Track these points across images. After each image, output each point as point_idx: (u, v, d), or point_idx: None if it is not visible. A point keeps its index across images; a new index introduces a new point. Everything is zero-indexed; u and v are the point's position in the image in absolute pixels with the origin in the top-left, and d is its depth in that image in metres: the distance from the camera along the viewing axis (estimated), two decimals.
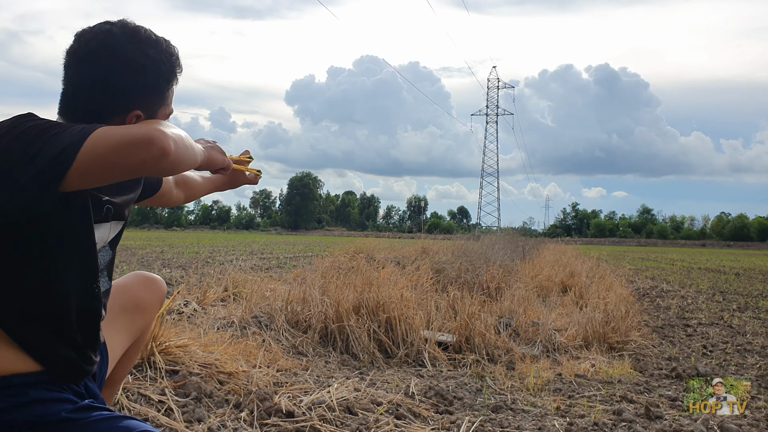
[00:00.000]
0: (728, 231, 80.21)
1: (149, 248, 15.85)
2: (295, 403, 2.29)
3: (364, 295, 3.58)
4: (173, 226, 78.96)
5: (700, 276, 12.36)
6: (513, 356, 3.52)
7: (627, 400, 2.85)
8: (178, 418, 2.14)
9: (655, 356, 3.88)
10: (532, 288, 5.77)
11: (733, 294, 8.54)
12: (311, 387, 2.60)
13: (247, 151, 1.60)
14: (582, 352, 3.79)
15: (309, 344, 3.39)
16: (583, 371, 3.35)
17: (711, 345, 4.39)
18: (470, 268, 6.50)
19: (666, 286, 9.50)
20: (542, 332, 3.88)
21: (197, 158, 1.14)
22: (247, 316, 3.51)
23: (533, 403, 2.79)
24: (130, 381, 2.31)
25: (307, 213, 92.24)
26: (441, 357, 3.45)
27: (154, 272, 6.94)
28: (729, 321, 5.67)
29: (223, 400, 2.34)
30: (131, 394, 2.22)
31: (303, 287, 3.77)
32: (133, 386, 2.28)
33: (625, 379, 3.26)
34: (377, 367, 3.29)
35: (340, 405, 2.33)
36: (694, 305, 6.93)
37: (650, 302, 7.17)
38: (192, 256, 12.52)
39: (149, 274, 1.61)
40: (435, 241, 10.84)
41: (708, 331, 5.01)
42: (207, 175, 1.64)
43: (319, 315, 3.53)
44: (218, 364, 2.57)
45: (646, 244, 68.81)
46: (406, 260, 7.53)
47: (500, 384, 3.06)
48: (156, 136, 0.96)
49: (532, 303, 4.89)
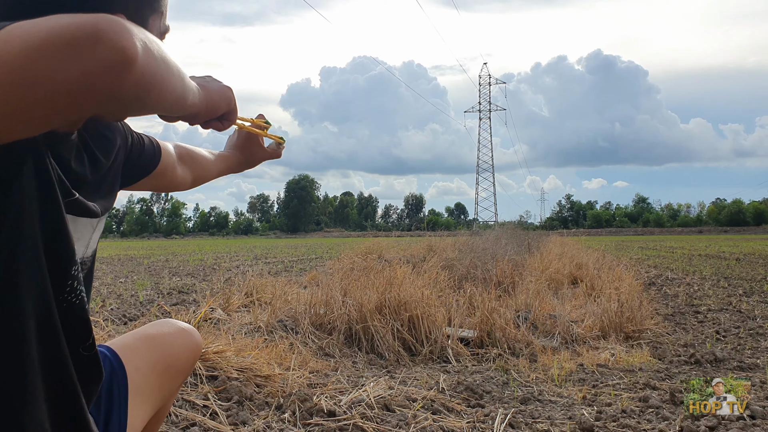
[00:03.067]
0: (724, 217, 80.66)
1: (153, 257, 15.89)
2: (335, 402, 2.37)
3: (386, 295, 3.66)
4: (172, 234, 78.95)
5: (702, 263, 12.47)
6: (534, 349, 3.60)
7: (651, 387, 2.93)
8: (223, 421, 2.21)
9: (671, 343, 3.96)
10: (543, 281, 5.86)
11: (737, 279, 8.64)
12: (346, 387, 2.68)
13: (261, 115, 1.19)
14: (600, 343, 3.87)
15: (335, 345, 3.46)
16: (603, 361, 3.43)
17: (724, 330, 4.48)
18: (479, 264, 6.58)
19: (670, 274, 9.59)
20: (560, 324, 3.96)
21: (186, 90, 0.67)
22: (272, 320, 3.59)
23: (559, 394, 2.86)
24: None
25: (306, 215, 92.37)
26: (464, 352, 3.52)
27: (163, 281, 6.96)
28: (737, 306, 5.76)
29: (264, 403, 2.41)
30: (176, 400, 2.29)
31: (325, 290, 3.85)
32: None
33: (645, 366, 3.34)
34: (403, 365, 3.37)
35: (378, 403, 2.40)
36: (701, 292, 7.02)
37: (657, 291, 7.26)
38: (197, 264, 12.58)
39: (185, 325, 1.20)
40: (439, 239, 10.93)
41: (719, 317, 5.10)
42: (216, 152, 1.27)
43: (343, 316, 3.60)
44: (254, 368, 2.64)
45: (643, 233, 69.17)
46: (415, 259, 7.61)
47: (525, 376, 3.14)
48: (109, 28, 0.53)
49: (545, 296, 4.97)
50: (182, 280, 8.35)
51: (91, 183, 0.85)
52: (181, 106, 0.67)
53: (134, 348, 1.06)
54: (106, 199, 0.90)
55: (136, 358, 1.04)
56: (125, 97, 0.55)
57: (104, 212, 0.88)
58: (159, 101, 0.60)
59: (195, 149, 1.23)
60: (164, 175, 1.11)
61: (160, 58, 0.59)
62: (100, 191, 0.88)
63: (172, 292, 6.65)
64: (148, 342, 1.09)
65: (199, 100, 0.73)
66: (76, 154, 0.81)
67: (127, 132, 1.00)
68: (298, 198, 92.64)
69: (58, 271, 0.72)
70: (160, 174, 1.09)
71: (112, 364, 1.01)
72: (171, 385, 1.13)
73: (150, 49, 0.57)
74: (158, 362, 1.08)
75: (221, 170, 1.26)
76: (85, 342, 0.78)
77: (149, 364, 1.06)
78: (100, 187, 0.88)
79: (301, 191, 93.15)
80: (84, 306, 0.77)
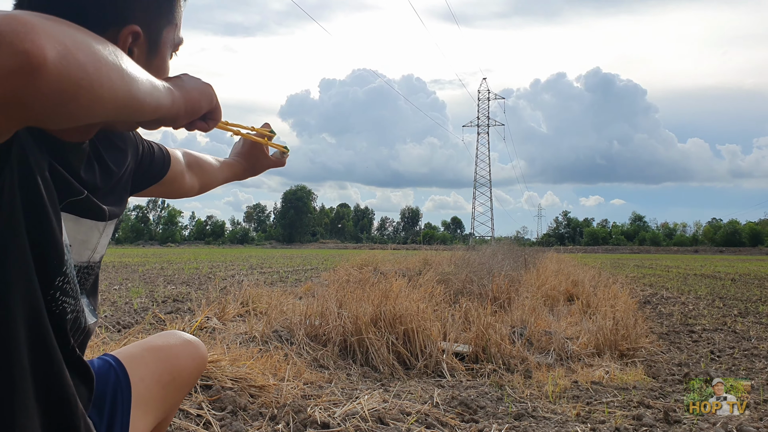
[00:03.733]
0: (720, 237, 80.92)
1: (148, 265, 15.83)
2: (329, 414, 2.36)
3: (381, 308, 3.66)
4: (168, 242, 78.68)
5: (697, 282, 12.50)
6: (529, 365, 3.60)
7: (644, 406, 2.93)
8: (217, 431, 2.20)
9: (665, 362, 3.97)
10: (539, 297, 5.86)
11: (732, 299, 8.67)
12: (340, 399, 2.67)
13: (267, 124, 1.23)
14: (595, 360, 3.87)
15: (329, 357, 3.45)
16: (598, 378, 3.43)
17: (718, 350, 4.49)
18: (475, 278, 6.58)
19: (665, 293, 9.61)
20: (555, 341, 3.96)
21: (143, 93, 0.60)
22: (268, 330, 3.58)
23: (553, 411, 2.86)
24: None
25: (302, 226, 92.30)
26: (459, 367, 3.52)
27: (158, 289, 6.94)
28: (732, 326, 5.77)
29: (258, 413, 2.40)
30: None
31: (320, 301, 3.84)
32: None
33: (639, 385, 3.34)
34: (398, 378, 3.36)
35: (372, 416, 2.39)
36: (696, 311, 7.03)
37: (652, 309, 7.27)
38: (193, 272, 12.53)
39: (191, 338, 1.18)
40: (435, 253, 10.93)
41: (713, 337, 5.11)
42: (222, 159, 1.28)
43: (338, 328, 3.60)
44: (248, 377, 2.64)
45: (639, 251, 69.27)
46: (410, 272, 7.61)
47: (519, 392, 3.13)
48: (10, 30, 0.48)
49: (540, 312, 4.97)
50: (177, 288, 8.32)
51: (102, 191, 0.84)
52: (138, 110, 0.60)
53: (140, 358, 1.06)
54: (115, 205, 0.90)
55: (141, 368, 1.03)
56: (42, 106, 0.50)
57: (112, 217, 0.88)
58: (95, 108, 0.54)
59: (202, 156, 1.24)
60: (173, 182, 1.12)
61: (93, 60, 0.53)
62: (109, 198, 0.87)
63: (167, 300, 6.62)
64: (154, 353, 1.08)
65: (173, 101, 0.68)
66: (86, 163, 0.82)
67: (138, 141, 1.02)
68: (294, 208, 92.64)
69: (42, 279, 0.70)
70: (169, 181, 1.11)
71: (117, 374, 1.00)
72: (175, 397, 1.12)
73: (74, 50, 0.51)
74: (163, 374, 1.07)
75: (227, 177, 1.28)
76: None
77: (154, 376, 1.05)
78: (109, 195, 0.88)
79: (297, 202, 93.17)
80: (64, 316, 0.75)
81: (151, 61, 0.82)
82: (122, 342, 3.14)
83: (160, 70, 0.84)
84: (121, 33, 0.77)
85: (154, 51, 0.83)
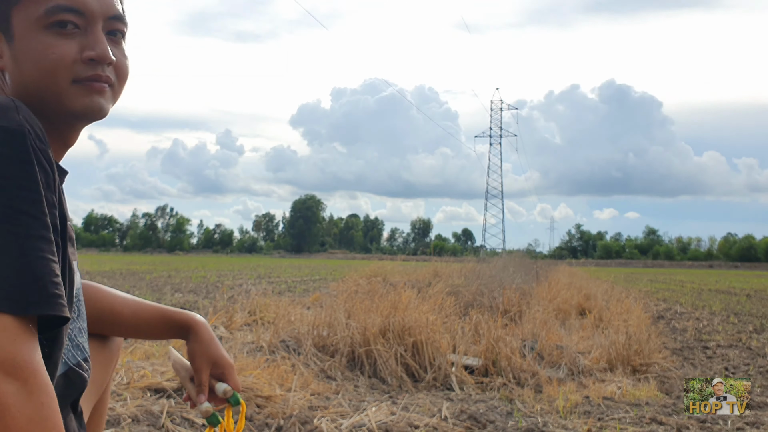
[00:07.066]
0: (735, 252, 79.81)
1: (156, 273, 15.90)
2: (335, 426, 2.33)
3: (390, 319, 3.62)
4: (176, 250, 79.06)
5: (712, 298, 12.32)
6: (539, 379, 3.54)
7: (657, 422, 2.86)
8: None
9: (678, 378, 3.89)
10: (551, 311, 5.79)
11: (747, 315, 8.52)
12: (347, 411, 2.64)
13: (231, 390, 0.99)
14: (607, 375, 3.80)
15: (337, 368, 3.42)
16: (610, 394, 3.37)
17: (733, 367, 4.40)
18: (486, 291, 6.52)
19: (679, 308, 9.48)
20: (566, 355, 3.90)
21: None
22: (275, 340, 3.56)
23: (564, 426, 2.80)
24: (173, 405, 2.35)
25: (311, 236, 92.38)
26: (468, 380, 3.47)
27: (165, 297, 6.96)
28: (747, 343, 5.67)
29: (264, 424, 2.38)
30: (175, 417, 2.26)
31: (329, 312, 3.82)
32: (175, 410, 2.32)
33: (652, 401, 3.27)
34: (406, 390, 3.32)
35: (380, 428, 2.36)
36: (710, 327, 6.92)
37: (666, 324, 7.16)
38: (200, 281, 12.56)
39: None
40: (446, 264, 10.87)
41: (728, 353, 5.01)
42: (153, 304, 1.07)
43: (346, 339, 3.56)
44: (255, 387, 2.61)
45: (653, 265, 68.44)
46: (420, 283, 7.57)
47: (530, 407, 3.08)
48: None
49: (552, 326, 4.90)
50: (185, 296, 8.33)
51: None
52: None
53: None
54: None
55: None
56: None
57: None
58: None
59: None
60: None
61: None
62: None
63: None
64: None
65: None
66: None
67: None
68: (303, 218, 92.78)
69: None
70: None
71: None
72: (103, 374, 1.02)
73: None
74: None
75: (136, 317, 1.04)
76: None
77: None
78: None
79: (306, 211, 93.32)
80: (85, 383, 0.83)
81: (13, 46, 0.74)
82: (128, 350, 3.13)
83: (35, 52, 0.74)
84: None
85: (9, 36, 0.75)
